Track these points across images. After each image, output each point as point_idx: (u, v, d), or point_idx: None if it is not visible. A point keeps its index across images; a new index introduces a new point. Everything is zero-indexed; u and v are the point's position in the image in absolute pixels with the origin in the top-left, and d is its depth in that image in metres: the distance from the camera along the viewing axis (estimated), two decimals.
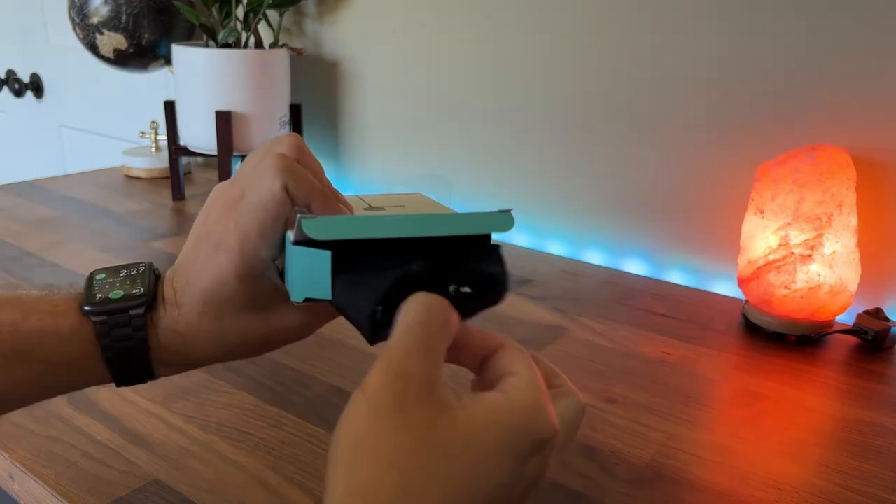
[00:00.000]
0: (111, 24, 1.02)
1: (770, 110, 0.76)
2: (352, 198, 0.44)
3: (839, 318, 0.71)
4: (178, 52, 0.98)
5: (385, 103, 1.07)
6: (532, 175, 0.95)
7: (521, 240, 0.97)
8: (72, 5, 1.05)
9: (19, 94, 1.72)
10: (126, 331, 0.36)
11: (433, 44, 1.00)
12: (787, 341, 0.69)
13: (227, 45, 0.97)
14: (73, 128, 1.64)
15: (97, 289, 0.38)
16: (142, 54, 1.06)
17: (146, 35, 1.04)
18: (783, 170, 0.68)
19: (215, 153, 0.99)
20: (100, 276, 0.39)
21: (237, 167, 0.41)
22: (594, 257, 0.92)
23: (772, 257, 0.68)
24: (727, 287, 0.82)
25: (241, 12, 0.99)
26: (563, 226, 0.94)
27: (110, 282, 0.38)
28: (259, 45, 1.01)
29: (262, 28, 1.06)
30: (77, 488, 0.45)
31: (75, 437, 0.50)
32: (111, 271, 0.39)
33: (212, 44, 1.00)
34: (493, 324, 0.70)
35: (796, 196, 0.67)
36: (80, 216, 1.00)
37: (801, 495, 0.47)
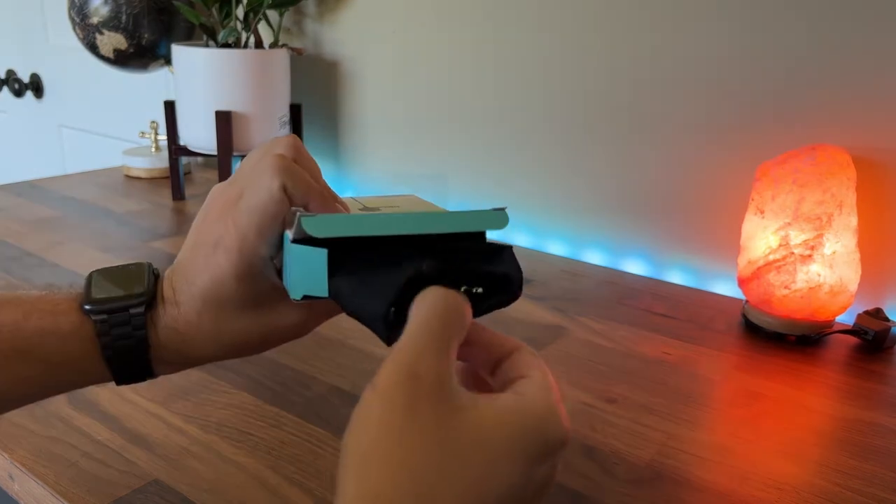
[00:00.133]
0: (111, 24, 1.02)
1: (770, 110, 0.76)
2: (347, 199, 0.45)
3: (839, 318, 0.71)
4: (178, 52, 0.98)
5: (385, 103, 1.07)
6: (532, 175, 0.95)
7: (522, 240, 0.97)
8: (72, 5, 1.05)
9: (19, 94, 1.72)
10: (126, 329, 0.37)
11: (433, 44, 1.00)
12: (787, 341, 0.69)
13: (227, 45, 0.97)
14: (73, 128, 1.64)
15: (97, 288, 0.38)
16: (142, 54, 1.06)
17: (146, 35, 1.04)
18: (783, 170, 0.68)
19: (215, 153, 0.99)
20: (99, 276, 0.39)
21: (236, 167, 0.41)
22: (594, 257, 0.92)
23: (772, 257, 0.68)
24: (727, 287, 0.82)
25: (241, 12, 0.99)
26: (563, 226, 0.94)
27: (110, 281, 0.38)
28: (259, 45, 1.01)
29: (262, 28, 1.06)
30: (77, 488, 0.45)
31: (75, 437, 0.50)
32: (111, 271, 0.39)
33: (212, 44, 1.00)
34: (493, 324, 0.70)
35: (796, 196, 0.67)
36: (80, 216, 1.00)
37: (801, 495, 0.47)
